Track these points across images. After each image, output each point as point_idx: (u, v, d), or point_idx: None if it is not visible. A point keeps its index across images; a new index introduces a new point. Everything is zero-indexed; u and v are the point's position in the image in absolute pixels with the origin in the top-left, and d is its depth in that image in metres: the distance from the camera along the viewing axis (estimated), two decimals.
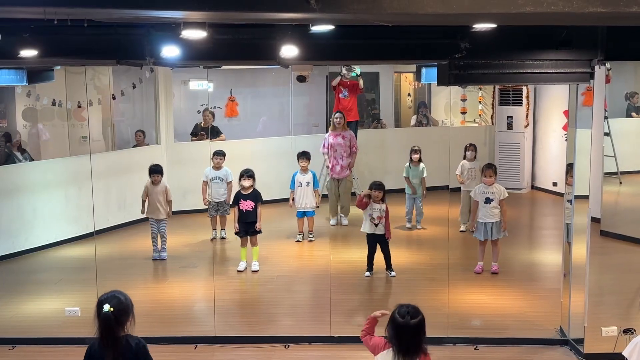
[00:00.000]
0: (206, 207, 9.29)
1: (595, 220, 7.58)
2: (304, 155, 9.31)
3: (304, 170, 9.24)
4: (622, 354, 4.23)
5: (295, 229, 9.48)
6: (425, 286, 7.54)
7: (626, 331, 5.87)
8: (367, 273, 7.89)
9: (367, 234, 7.83)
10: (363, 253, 8.70)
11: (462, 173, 9.61)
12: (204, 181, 9.20)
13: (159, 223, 8.67)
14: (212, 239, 9.42)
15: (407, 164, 9.72)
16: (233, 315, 7.02)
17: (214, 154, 9.22)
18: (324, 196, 10.10)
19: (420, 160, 9.67)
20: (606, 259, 7.84)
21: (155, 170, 8.65)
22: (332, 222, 10.05)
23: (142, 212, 8.74)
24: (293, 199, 9.28)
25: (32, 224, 9.08)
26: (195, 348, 6.24)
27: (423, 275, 8.04)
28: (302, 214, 9.30)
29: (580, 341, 6.05)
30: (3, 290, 7.70)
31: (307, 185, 9.21)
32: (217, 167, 9.18)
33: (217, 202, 9.13)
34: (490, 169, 8.03)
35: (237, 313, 7.15)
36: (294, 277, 8.12)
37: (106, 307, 3.70)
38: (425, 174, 9.63)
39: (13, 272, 8.45)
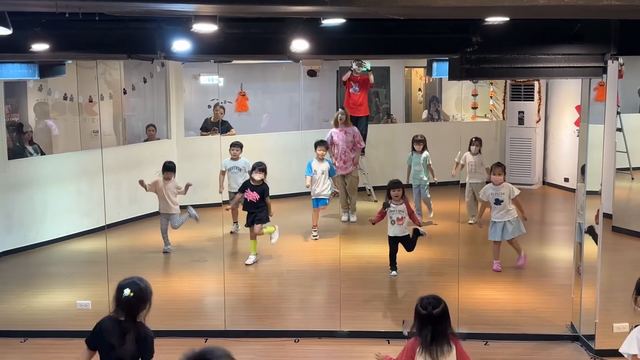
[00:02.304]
0: (221, 196, 9.31)
1: (607, 217, 7.53)
2: (322, 144, 9.30)
3: (321, 158, 9.22)
4: (620, 351, 4.18)
5: (306, 224, 9.47)
6: (435, 281, 7.52)
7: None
8: (394, 272, 7.76)
9: (389, 235, 7.72)
10: (372, 248, 8.71)
11: (463, 164, 9.62)
12: (222, 171, 9.26)
13: (170, 218, 8.72)
14: (232, 232, 9.46)
15: (410, 152, 9.70)
16: (243, 309, 7.04)
17: (231, 146, 9.30)
18: None
19: (424, 149, 9.62)
20: (618, 255, 7.80)
21: (169, 168, 8.72)
22: (344, 217, 10.02)
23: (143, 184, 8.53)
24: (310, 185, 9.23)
25: (43, 218, 9.13)
26: (205, 341, 6.25)
27: (433, 270, 8.03)
28: (317, 204, 9.25)
29: (591, 337, 6.02)
30: (15, 284, 7.75)
31: (322, 173, 9.18)
32: (235, 158, 9.25)
33: (235, 193, 9.17)
34: (499, 168, 7.89)
35: (247, 307, 7.16)
36: (304, 271, 8.12)
37: (127, 292, 3.80)
38: (429, 162, 9.61)
39: (25, 266, 8.50)
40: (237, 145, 9.34)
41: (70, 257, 8.85)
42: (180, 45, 5.55)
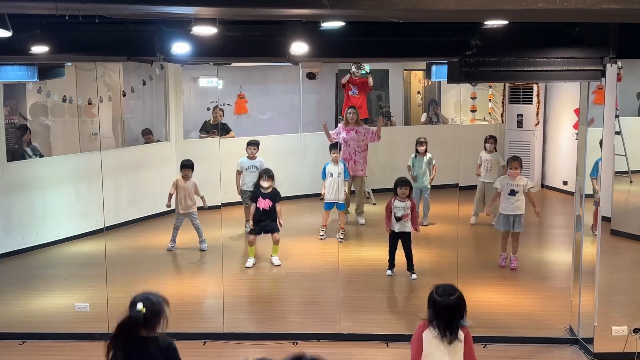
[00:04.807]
0: (240, 196, 9.43)
1: (605, 220, 7.55)
2: (335, 147, 9.32)
3: (335, 161, 9.20)
4: None
5: (308, 226, 9.46)
6: (434, 284, 7.49)
7: (636, 330, 5.85)
8: (389, 272, 7.79)
9: (391, 230, 7.73)
10: (373, 250, 8.72)
11: (480, 164, 9.66)
12: (238, 171, 9.36)
13: (190, 216, 8.78)
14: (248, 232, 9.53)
15: (413, 154, 9.71)
16: (242, 312, 7.04)
17: (248, 144, 9.41)
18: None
19: (426, 151, 9.64)
20: (616, 258, 7.80)
21: (186, 165, 8.81)
22: (361, 220, 9.97)
23: (168, 205, 8.88)
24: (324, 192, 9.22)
25: (42, 220, 9.12)
26: (204, 344, 6.25)
27: (432, 272, 8.02)
28: (331, 206, 9.19)
29: (590, 340, 6.03)
30: (13, 285, 7.74)
31: (339, 176, 9.14)
32: (252, 157, 9.34)
33: (250, 191, 9.21)
34: (516, 162, 7.96)
35: (246, 310, 7.16)
36: (303, 274, 8.12)
37: (139, 307, 3.71)
38: (434, 162, 9.62)
39: (23, 267, 8.49)
40: (253, 144, 9.42)
41: (69, 259, 8.84)
42: (180, 48, 5.56)
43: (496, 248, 8.23)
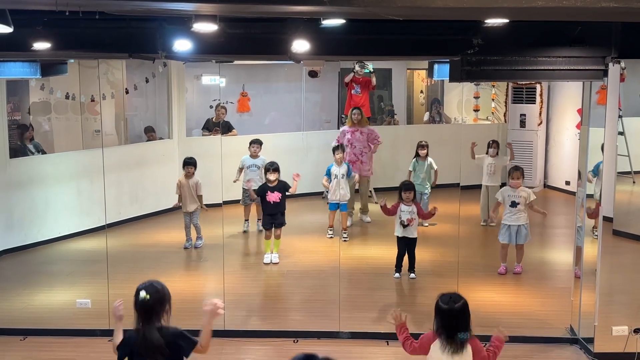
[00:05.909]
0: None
1: (607, 220, 7.52)
2: (339, 148, 9.34)
3: (339, 162, 9.21)
4: None
5: (310, 225, 9.45)
6: (434, 284, 7.51)
7: (637, 331, 5.84)
8: (397, 274, 7.76)
9: (397, 236, 7.73)
10: (373, 250, 8.71)
11: (482, 166, 9.64)
12: (239, 168, 9.39)
13: (192, 215, 8.80)
14: (244, 231, 9.53)
15: (414, 159, 9.70)
16: (243, 309, 7.04)
17: (250, 143, 9.45)
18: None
19: (427, 155, 9.64)
20: (618, 258, 7.78)
21: (188, 163, 8.84)
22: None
23: (178, 203, 8.85)
24: (327, 191, 9.24)
25: (44, 217, 9.15)
26: None
27: (433, 272, 8.02)
28: (335, 207, 9.20)
29: (591, 340, 6.02)
30: (15, 282, 7.77)
31: (342, 177, 9.14)
32: (254, 156, 9.37)
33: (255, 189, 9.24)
34: (517, 172, 7.89)
35: (246, 307, 7.16)
36: (304, 272, 8.12)
37: (142, 294, 3.75)
38: (435, 167, 9.62)
39: (25, 264, 8.52)
40: (256, 143, 9.45)
41: (70, 256, 8.86)
42: (181, 45, 5.56)
43: (498, 247, 8.21)
